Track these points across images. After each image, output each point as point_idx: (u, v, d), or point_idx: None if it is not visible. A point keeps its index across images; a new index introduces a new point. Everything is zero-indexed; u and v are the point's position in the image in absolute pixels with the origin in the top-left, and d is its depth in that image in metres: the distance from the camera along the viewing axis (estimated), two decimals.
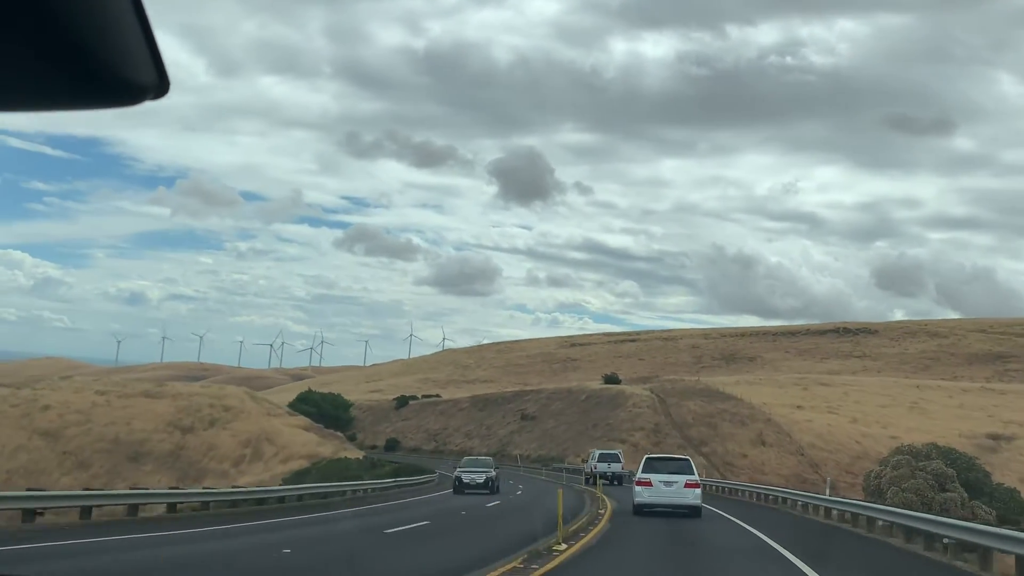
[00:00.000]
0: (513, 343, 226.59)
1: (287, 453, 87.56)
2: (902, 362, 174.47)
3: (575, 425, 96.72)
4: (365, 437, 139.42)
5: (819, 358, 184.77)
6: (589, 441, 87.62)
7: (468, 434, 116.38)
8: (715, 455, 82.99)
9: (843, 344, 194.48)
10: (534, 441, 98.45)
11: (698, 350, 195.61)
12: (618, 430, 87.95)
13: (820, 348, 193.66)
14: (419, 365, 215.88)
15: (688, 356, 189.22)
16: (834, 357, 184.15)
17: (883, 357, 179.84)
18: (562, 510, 19.84)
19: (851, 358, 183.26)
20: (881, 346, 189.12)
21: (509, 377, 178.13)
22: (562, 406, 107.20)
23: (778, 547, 19.75)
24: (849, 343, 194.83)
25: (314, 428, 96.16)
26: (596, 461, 57.55)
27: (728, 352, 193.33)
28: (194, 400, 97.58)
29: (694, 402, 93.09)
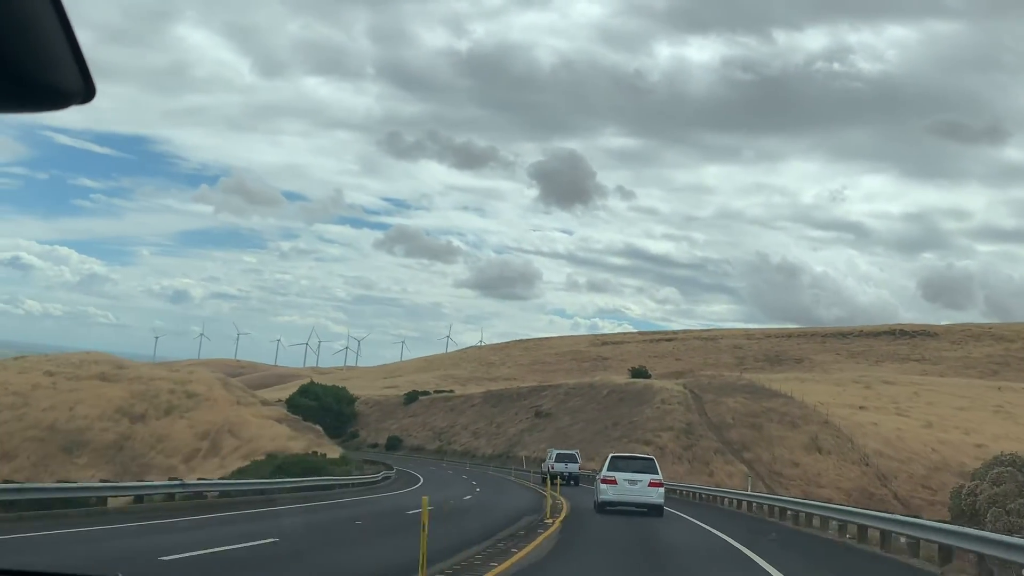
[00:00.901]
0: (541, 340, 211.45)
1: (251, 448, 73.41)
2: (966, 366, 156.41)
3: (593, 424, 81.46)
4: (368, 434, 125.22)
5: (873, 361, 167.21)
6: (606, 442, 72.34)
7: (476, 432, 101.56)
8: (759, 462, 67.25)
9: (899, 347, 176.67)
10: (545, 441, 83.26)
11: (740, 351, 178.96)
12: (642, 430, 72.55)
13: (874, 351, 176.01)
14: (441, 361, 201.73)
15: (729, 357, 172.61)
16: (890, 360, 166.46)
17: (944, 361, 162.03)
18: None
19: (909, 361, 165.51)
20: (942, 349, 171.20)
21: (535, 375, 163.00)
22: (581, 403, 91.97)
23: None
24: (906, 346, 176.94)
25: (288, 420, 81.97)
26: (553, 461, 54.24)
27: (773, 353, 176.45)
28: (153, 385, 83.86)
29: (735, 399, 77.33)
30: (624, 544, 19.48)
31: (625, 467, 28.88)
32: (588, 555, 17.31)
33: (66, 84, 1.77)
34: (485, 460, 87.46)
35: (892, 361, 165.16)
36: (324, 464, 49.28)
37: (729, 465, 66.56)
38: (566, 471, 52.20)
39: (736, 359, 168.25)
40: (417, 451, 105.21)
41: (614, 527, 23.43)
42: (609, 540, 20.13)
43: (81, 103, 1.85)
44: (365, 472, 64.06)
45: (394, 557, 15.37)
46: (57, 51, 1.74)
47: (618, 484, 27.93)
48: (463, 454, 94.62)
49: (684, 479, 63.43)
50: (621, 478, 28.03)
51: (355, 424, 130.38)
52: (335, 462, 59.35)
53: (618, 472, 28.40)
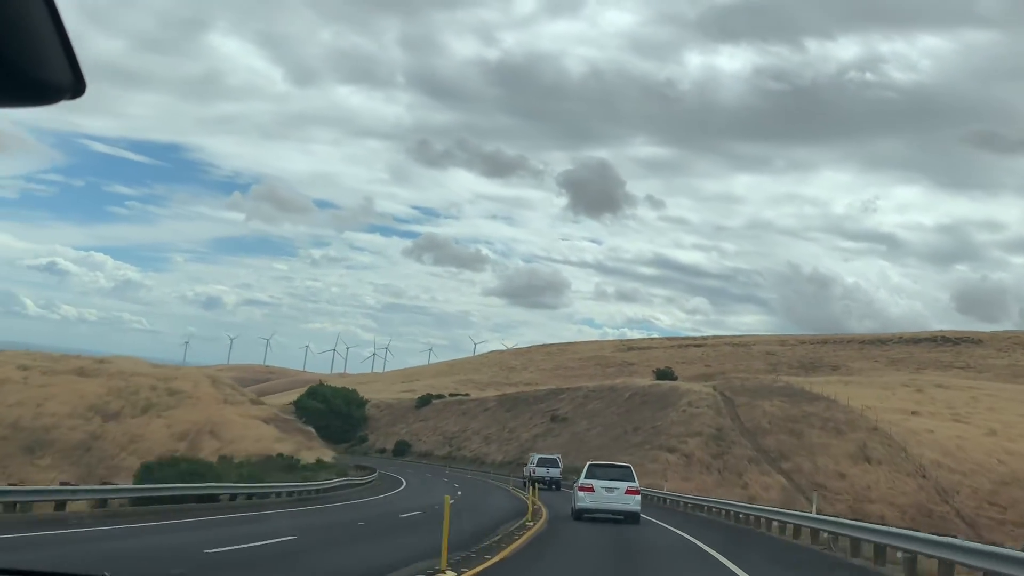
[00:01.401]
0: (565, 345, 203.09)
1: (232, 449, 65.84)
2: (1014, 375, 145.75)
3: (612, 428, 73.14)
4: (377, 439, 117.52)
5: (914, 368, 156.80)
6: (625, 448, 64.10)
7: (487, 437, 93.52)
8: (800, 473, 58.64)
9: (942, 354, 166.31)
10: (559, 447, 75.02)
11: (773, 357, 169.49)
12: (665, 435, 64.17)
13: (914, 358, 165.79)
14: (462, 366, 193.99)
15: (762, 363, 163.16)
16: (932, 368, 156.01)
17: (991, 369, 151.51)
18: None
19: (952, 369, 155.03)
20: (988, 357, 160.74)
21: (556, 381, 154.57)
22: (600, 406, 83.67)
23: None
24: (949, 353, 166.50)
25: (278, 421, 74.40)
26: (535, 465, 53.51)
27: (808, 360, 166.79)
28: (134, 381, 76.59)
29: (771, 402, 68.68)
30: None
31: (603, 475, 28.60)
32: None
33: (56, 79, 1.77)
34: (494, 467, 79.39)
35: (934, 369, 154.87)
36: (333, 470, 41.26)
37: (765, 476, 58.02)
38: (547, 476, 51.58)
39: (769, 365, 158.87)
40: (425, 457, 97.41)
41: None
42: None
43: (71, 98, 1.84)
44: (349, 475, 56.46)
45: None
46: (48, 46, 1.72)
47: (595, 491, 27.79)
48: (472, 460, 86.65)
49: (713, 492, 54.99)
50: (598, 486, 27.89)
51: (365, 428, 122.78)
52: (306, 467, 51.72)
53: (595, 480, 28.22)
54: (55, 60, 1.76)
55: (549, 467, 52.99)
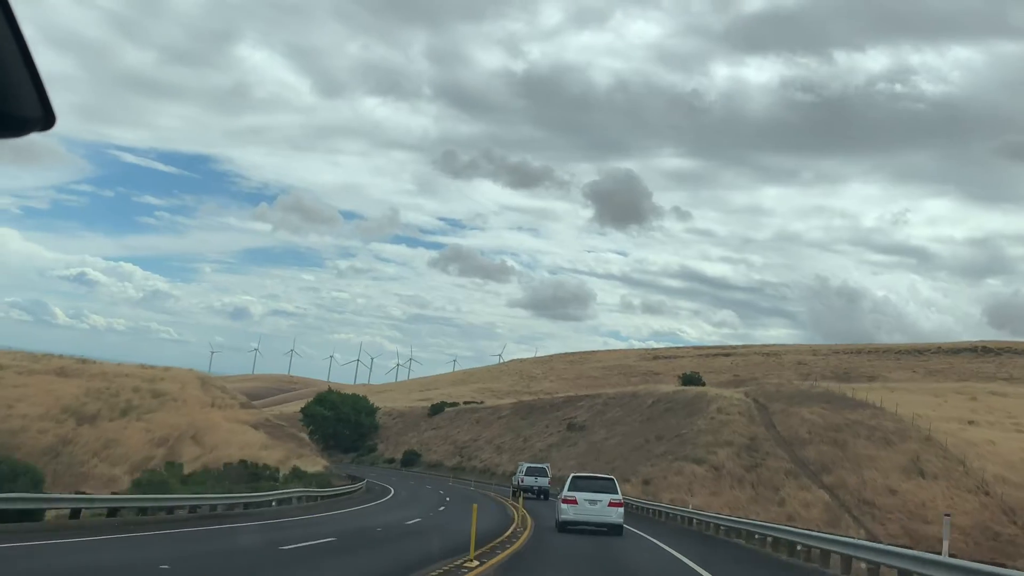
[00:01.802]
0: (587, 354, 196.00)
1: (214, 456, 59.84)
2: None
3: (632, 437, 66.26)
4: (387, 448, 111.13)
5: (955, 379, 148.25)
6: (647, 459, 57.32)
7: (500, 447, 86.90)
8: (844, 488, 51.49)
9: (984, 365, 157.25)
10: (574, 457, 68.30)
11: (805, 367, 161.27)
12: (692, 445, 57.22)
13: (955, 368, 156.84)
14: (481, 375, 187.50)
15: (793, 373, 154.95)
16: (974, 379, 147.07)
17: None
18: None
19: (995, 380, 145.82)
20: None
21: (577, 390, 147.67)
22: (620, 414, 76.84)
23: None
24: (991, 364, 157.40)
25: (268, 426, 68.23)
26: (524, 474, 52.11)
27: (842, 370, 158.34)
28: (116, 383, 70.81)
29: (810, 409, 61.51)
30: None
31: (586, 487, 28.45)
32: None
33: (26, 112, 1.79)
34: (504, 479, 72.74)
35: (976, 380, 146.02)
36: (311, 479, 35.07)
37: (805, 491, 50.94)
38: (535, 485, 50.48)
39: (801, 376, 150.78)
40: (434, 467, 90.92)
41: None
42: None
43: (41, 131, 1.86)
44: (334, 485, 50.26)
45: None
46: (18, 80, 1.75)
47: (579, 504, 27.48)
48: (482, 471, 80.00)
49: (746, 509, 48.02)
50: (582, 498, 27.61)
51: (375, 437, 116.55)
52: (275, 477, 45.41)
53: (579, 492, 27.98)
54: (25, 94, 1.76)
55: (538, 476, 51.66)
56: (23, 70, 1.77)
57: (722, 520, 31.04)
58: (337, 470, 65.70)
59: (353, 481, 56.83)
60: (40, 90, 1.82)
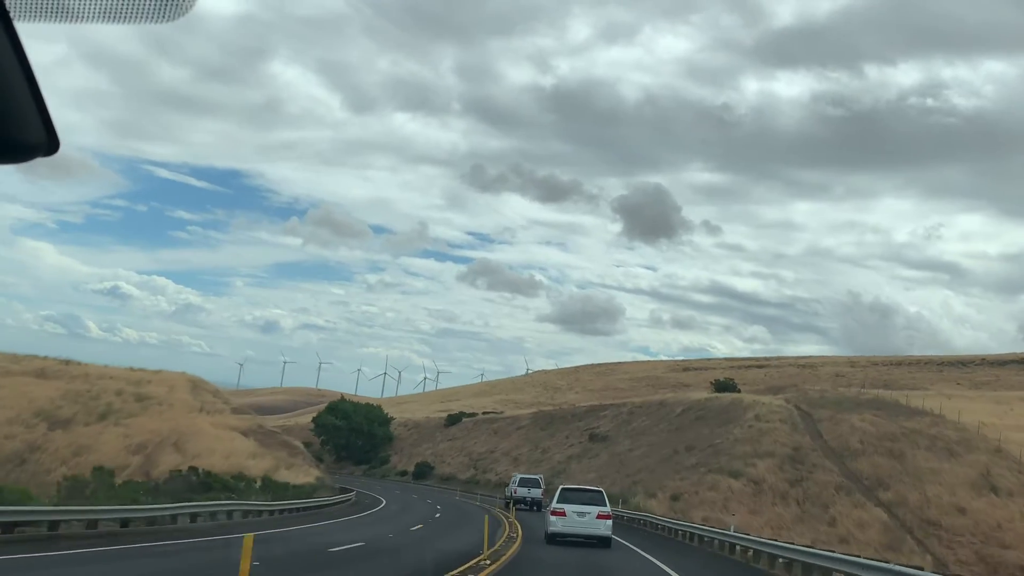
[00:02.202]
0: (615, 365, 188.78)
1: (197, 464, 53.59)
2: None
3: (659, 448, 59.35)
4: (400, 459, 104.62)
5: (1002, 392, 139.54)
6: (677, 471, 50.45)
7: (517, 458, 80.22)
8: (904, 505, 44.30)
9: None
10: (595, 470, 61.50)
11: (843, 379, 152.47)
12: (727, 456, 50.25)
13: (1002, 380, 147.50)
14: (504, 386, 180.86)
15: (830, 386, 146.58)
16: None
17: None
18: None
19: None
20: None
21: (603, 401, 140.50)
22: (647, 423, 69.94)
23: None
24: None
25: (259, 434, 62.11)
26: (516, 485, 51.21)
27: (882, 382, 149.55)
28: (98, 385, 65.03)
29: (860, 416, 54.31)
30: None
31: (574, 499, 28.33)
32: None
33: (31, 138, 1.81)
34: None
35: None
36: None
37: (859, 509, 43.83)
38: (528, 496, 49.94)
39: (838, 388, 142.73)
40: (447, 480, 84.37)
41: None
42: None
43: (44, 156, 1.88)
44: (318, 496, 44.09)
45: None
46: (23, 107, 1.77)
47: (567, 516, 27.41)
48: (497, 485, 73.21)
49: (792, 529, 41.07)
50: (570, 510, 27.54)
51: (389, 448, 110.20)
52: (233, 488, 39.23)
53: (567, 504, 27.85)
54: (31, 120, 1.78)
55: (531, 488, 50.93)
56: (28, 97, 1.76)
57: (782, 550, 22.51)
58: (332, 481, 59.41)
59: (342, 493, 50.64)
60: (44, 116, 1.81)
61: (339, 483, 69.57)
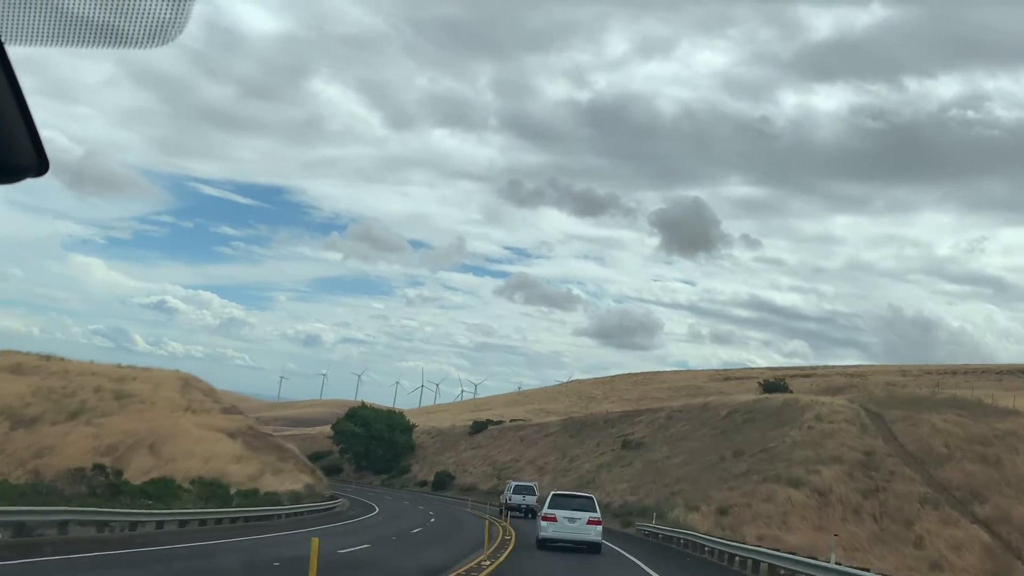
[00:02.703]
0: (652, 374, 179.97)
1: (170, 469, 46.71)
2: None
3: (702, 455, 51.13)
4: (421, 469, 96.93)
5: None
6: (724, 479, 42.30)
7: (542, 468, 72.36)
8: (1007, 522, 35.73)
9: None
10: (628, 479, 53.49)
11: (895, 388, 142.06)
12: (784, 461, 41.94)
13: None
14: (537, 395, 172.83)
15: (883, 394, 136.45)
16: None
17: None
18: None
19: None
20: None
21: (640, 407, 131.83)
22: (686, 428, 61.72)
23: None
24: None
25: (247, 435, 54.89)
26: (511, 493, 50.94)
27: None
28: (76, 381, 58.14)
29: (942, 416, 45.70)
30: None
31: (565, 505, 28.48)
32: None
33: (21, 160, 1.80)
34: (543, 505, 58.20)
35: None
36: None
37: (951, 527, 35.35)
38: (523, 503, 49.55)
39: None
40: (468, 491, 76.68)
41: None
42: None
43: (35, 176, 1.87)
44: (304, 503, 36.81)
45: None
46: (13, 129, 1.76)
47: (558, 522, 27.63)
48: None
49: (869, 551, 32.82)
50: (561, 516, 27.73)
51: (410, 457, 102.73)
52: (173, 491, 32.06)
53: (558, 510, 28.05)
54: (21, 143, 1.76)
55: (525, 495, 50.50)
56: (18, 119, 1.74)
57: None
58: (324, 488, 52.10)
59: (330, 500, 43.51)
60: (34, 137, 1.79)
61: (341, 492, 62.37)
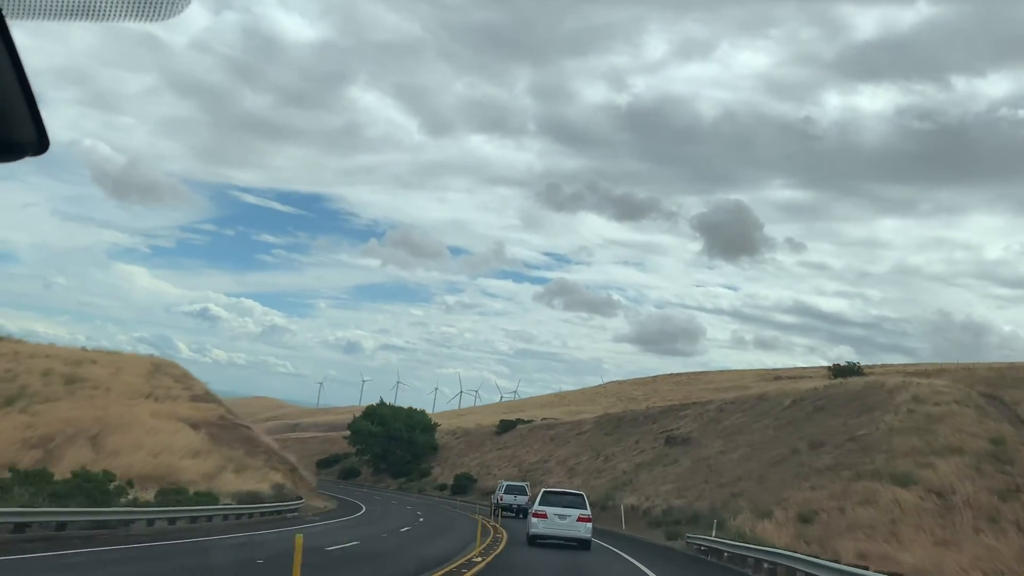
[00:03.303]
0: (696, 374, 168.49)
1: (111, 464, 37.18)
2: None
3: (767, 448, 40.72)
4: (442, 471, 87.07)
5: None
6: (804, 475, 31.98)
7: (573, 468, 62.39)
8: None
9: None
10: (673, 479, 43.30)
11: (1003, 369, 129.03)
12: (884, 452, 31.45)
13: None
14: (574, 397, 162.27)
15: (992, 374, 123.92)
16: None
17: None
18: None
19: None
20: None
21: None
22: (742, 421, 51.37)
23: None
24: None
25: (215, 426, 45.71)
26: (503, 492, 50.83)
27: None
28: (25, 364, 49.51)
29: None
30: None
31: (556, 502, 28.59)
32: None
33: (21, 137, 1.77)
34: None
35: None
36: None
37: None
38: (515, 503, 48.99)
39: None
40: (490, 495, 66.88)
41: None
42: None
43: (34, 155, 1.85)
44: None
45: None
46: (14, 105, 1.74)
47: (548, 518, 27.73)
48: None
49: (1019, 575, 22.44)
50: (551, 512, 27.81)
51: (433, 458, 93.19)
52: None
53: (549, 507, 28.15)
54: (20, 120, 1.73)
55: (517, 495, 50.36)
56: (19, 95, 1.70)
57: None
58: (305, 489, 42.64)
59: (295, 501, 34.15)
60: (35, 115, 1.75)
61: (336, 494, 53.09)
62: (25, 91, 1.74)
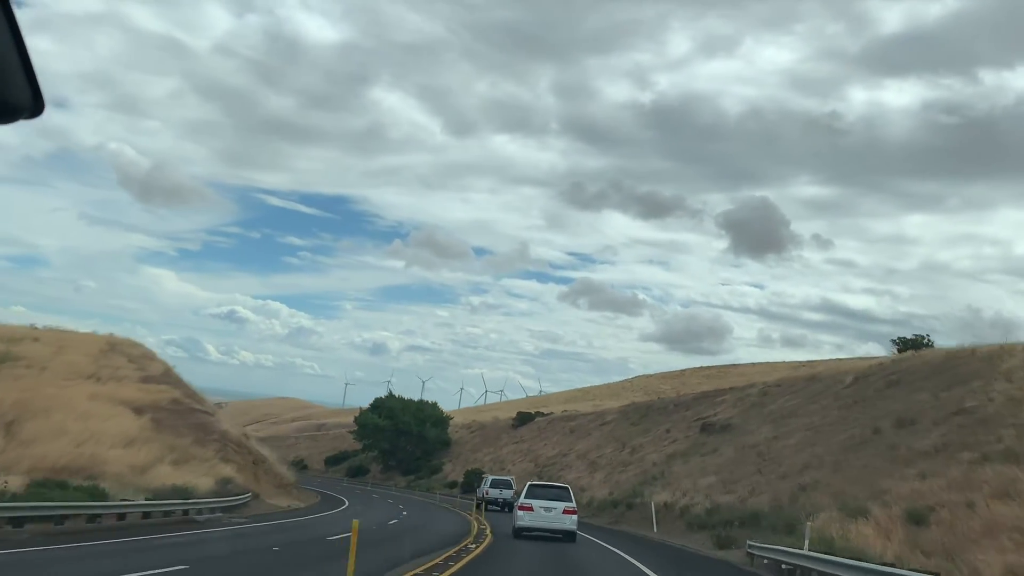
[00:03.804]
0: (728, 367, 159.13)
1: (29, 453, 29.63)
2: None
3: (832, 431, 32.38)
4: (454, 468, 79.21)
5: None
6: (896, 464, 23.45)
7: (594, 462, 54.28)
8: None
9: None
10: (714, 471, 35.19)
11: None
12: (1011, 427, 22.95)
13: None
14: (599, 392, 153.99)
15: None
16: None
17: None
18: None
19: None
20: None
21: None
22: (793, 403, 43.09)
23: None
24: None
25: (160, 412, 37.87)
26: (488, 487, 50.69)
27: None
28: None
29: None
30: None
31: (542, 495, 28.38)
32: None
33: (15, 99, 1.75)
34: (592, 509, 40.09)
35: None
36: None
37: None
38: (500, 497, 48.99)
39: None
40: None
41: None
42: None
43: (29, 118, 1.82)
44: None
45: None
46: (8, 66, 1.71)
47: (534, 511, 27.60)
48: None
49: None
50: (537, 505, 27.68)
51: (445, 454, 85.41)
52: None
53: (535, 500, 27.99)
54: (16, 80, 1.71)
55: (502, 488, 49.63)
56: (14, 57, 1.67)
57: None
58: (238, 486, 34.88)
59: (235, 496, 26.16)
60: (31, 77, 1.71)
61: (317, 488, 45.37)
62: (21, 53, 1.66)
